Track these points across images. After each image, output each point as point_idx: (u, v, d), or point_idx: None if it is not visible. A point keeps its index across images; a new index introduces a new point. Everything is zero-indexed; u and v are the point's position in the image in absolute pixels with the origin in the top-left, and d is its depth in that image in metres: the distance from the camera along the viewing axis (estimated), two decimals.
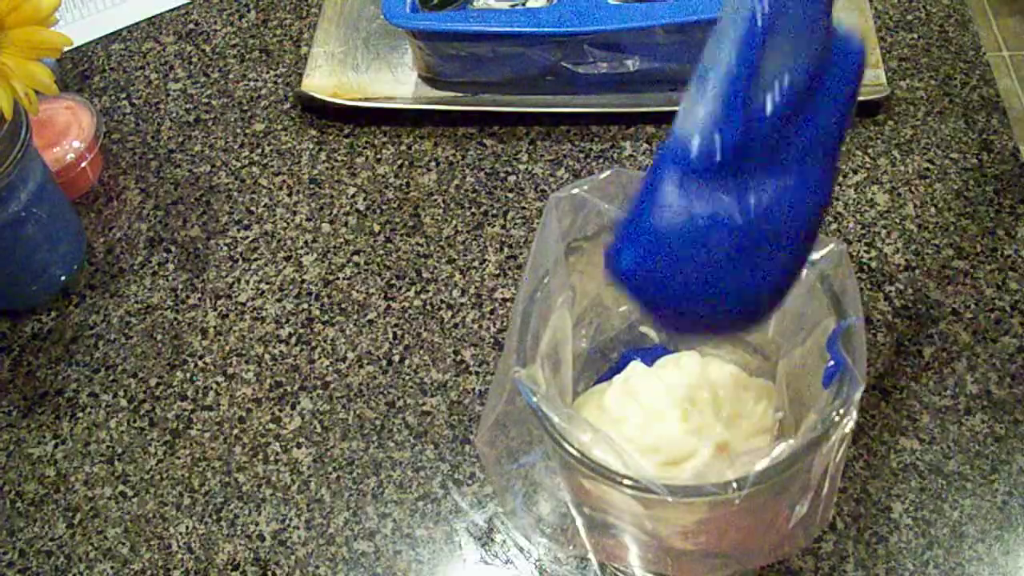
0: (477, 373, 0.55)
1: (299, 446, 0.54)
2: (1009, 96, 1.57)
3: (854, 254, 0.57)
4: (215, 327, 0.59)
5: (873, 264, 0.57)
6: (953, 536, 0.48)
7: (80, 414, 0.56)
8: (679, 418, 0.42)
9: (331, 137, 0.67)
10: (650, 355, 0.47)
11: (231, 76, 0.72)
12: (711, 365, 0.47)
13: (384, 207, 0.63)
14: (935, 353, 0.53)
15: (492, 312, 0.58)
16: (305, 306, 0.59)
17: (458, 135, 0.66)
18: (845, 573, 0.47)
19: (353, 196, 0.64)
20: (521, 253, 0.60)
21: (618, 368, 0.47)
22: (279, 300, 0.60)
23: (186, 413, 0.56)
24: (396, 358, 0.56)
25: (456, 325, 0.57)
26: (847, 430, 0.37)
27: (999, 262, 0.56)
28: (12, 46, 0.51)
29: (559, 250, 0.42)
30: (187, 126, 0.69)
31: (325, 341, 0.57)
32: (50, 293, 0.61)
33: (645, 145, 0.64)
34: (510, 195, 0.63)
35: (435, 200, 0.63)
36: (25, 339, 0.60)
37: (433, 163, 0.65)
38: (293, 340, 0.58)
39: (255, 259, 0.62)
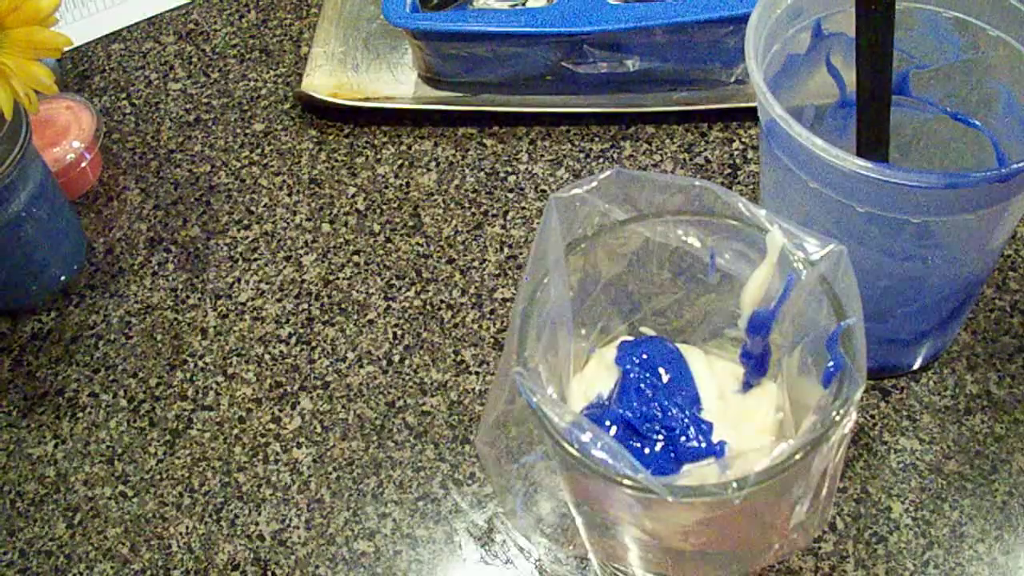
0: (477, 373, 0.55)
1: (299, 446, 0.54)
2: None
3: None
4: (215, 327, 0.59)
5: None
6: (953, 536, 0.48)
7: (80, 414, 0.56)
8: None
9: (331, 137, 0.67)
10: (649, 348, 0.47)
11: (231, 76, 0.72)
12: (716, 363, 0.47)
13: (384, 207, 0.63)
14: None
15: (492, 312, 0.58)
16: (305, 306, 0.59)
17: (458, 135, 0.66)
18: (845, 573, 0.47)
19: (353, 196, 0.64)
20: (521, 253, 0.60)
21: (618, 360, 0.47)
22: (279, 300, 0.60)
23: (186, 413, 0.56)
24: (396, 358, 0.56)
25: (456, 325, 0.57)
26: (847, 430, 0.37)
27: (999, 262, 0.56)
28: (12, 46, 0.51)
29: (559, 250, 0.41)
30: (187, 126, 0.69)
31: (325, 341, 0.57)
32: (50, 293, 0.61)
33: (645, 145, 0.64)
34: (510, 195, 0.63)
35: (435, 200, 0.63)
36: (25, 339, 0.60)
37: (433, 163, 0.65)
38: (293, 340, 0.58)
39: (255, 259, 0.62)
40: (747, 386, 0.46)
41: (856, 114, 0.44)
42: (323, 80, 0.68)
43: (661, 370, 0.45)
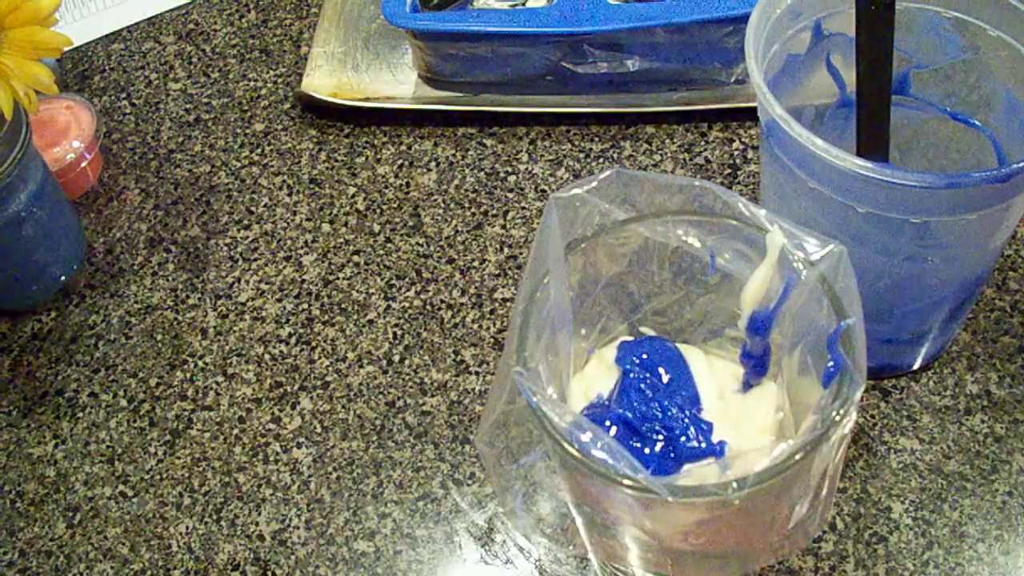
0: (477, 373, 0.55)
1: (299, 446, 0.54)
2: None
3: None
4: (215, 327, 0.59)
5: None
6: (953, 536, 0.48)
7: (80, 414, 0.56)
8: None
9: (331, 137, 0.67)
10: (649, 348, 0.47)
11: (231, 76, 0.72)
12: (716, 363, 0.47)
13: (384, 207, 0.63)
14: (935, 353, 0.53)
15: (492, 312, 0.58)
16: (305, 306, 0.59)
17: (458, 135, 0.66)
18: (845, 573, 0.47)
19: (353, 196, 0.64)
20: (521, 253, 0.60)
21: (618, 360, 0.47)
22: (279, 300, 0.60)
23: (186, 413, 0.56)
24: (396, 358, 0.56)
25: (456, 325, 0.57)
26: (847, 430, 0.37)
27: (999, 262, 0.56)
28: (12, 46, 0.51)
29: (559, 250, 0.41)
30: (187, 126, 0.69)
31: (325, 341, 0.57)
32: (50, 293, 0.61)
33: (645, 145, 0.64)
34: (510, 195, 0.63)
35: (435, 200, 0.63)
36: (25, 339, 0.60)
37: (433, 163, 0.65)
38: (293, 340, 0.58)
39: (255, 259, 0.62)
40: (747, 386, 0.46)
41: (856, 114, 0.44)
42: (323, 80, 0.68)
43: (661, 370, 0.45)
